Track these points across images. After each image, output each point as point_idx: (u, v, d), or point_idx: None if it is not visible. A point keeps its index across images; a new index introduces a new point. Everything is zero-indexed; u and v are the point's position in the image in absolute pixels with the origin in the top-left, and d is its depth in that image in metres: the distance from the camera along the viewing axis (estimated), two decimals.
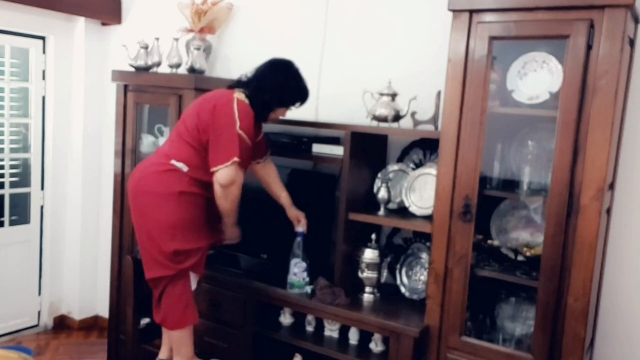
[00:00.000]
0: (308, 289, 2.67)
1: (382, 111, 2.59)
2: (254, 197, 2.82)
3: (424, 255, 2.70)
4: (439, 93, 2.52)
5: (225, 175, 2.36)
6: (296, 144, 2.81)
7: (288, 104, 2.56)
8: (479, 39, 2.22)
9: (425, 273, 2.68)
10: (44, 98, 3.84)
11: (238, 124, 2.38)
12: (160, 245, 2.43)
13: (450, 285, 2.36)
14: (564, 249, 2.14)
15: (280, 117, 2.64)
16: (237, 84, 2.55)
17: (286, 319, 2.85)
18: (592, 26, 2.02)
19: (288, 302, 2.70)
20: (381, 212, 2.64)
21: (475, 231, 2.31)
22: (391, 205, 2.70)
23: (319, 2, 3.07)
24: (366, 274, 2.65)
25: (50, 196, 3.93)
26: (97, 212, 4.07)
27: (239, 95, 2.47)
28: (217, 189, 2.40)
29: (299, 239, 2.67)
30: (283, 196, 2.74)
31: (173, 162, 2.45)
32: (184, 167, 2.45)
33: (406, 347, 2.39)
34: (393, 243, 2.88)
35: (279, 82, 2.49)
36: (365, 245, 2.67)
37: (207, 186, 2.46)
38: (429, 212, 2.51)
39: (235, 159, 2.35)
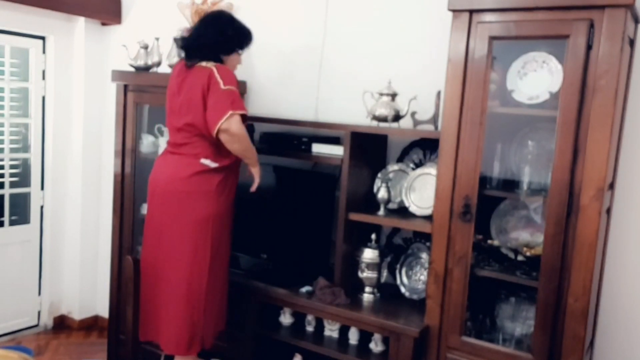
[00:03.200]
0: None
1: (382, 111, 2.59)
2: (253, 197, 2.82)
3: (424, 255, 2.70)
4: (439, 93, 2.52)
5: (223, 136, 2.42)
6: (296, 144, 2.81)
7: (234, 49, 2.60)
8: (479, 39, 2.22)
9: (425, 273, 2.68)
10: (44, 98, 3.83)
11: (221, 83, 2.42)
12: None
13: (450, 285, 2.36)
14: (564, 249, 2.14)
15: (238, 66, 2.67)
16: (189, 54, 2.55)
17: (286, 319, 2.85)
18: (592, 26, 2.03)
19: (288, 302, 2.70)
20: (381, 212, 2.63)
21: (475, 231, 2.31)
22: (391, 205, 2.70)
23: (319, 2, 3.07)
24: (366, 274, 2.65)
25: (50, 196, 3.92)
26: (97, 212, 4.07)
27: (207, 64, 2.48)
28: (224, 138, 2.44)
29: None
30: None
31: (202, 161, 2.51)
32: (212, 164, 2.51)
33: (406, 347, 2.39)
34: (393, 243, 2.88)
35: (214, 35, 2.53)
36: (365, 245, 2.67)
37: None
38: (429, 212, 2.51)
39: (230, 112, 2.39)
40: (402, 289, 2.73)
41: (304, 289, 2.71)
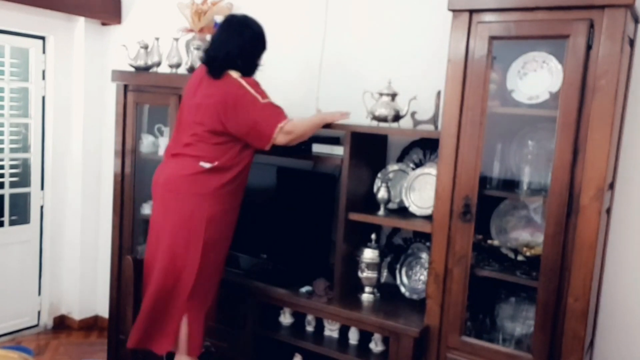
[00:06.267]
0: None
1: (382, 111, 2.59)
2: (253, 197, 2.82)
3: (424, 255, 2.70)
4: (439, 93, 2.52)
5: (283, 139, 2.51)
6: (296, 144, 2.80)
7: (262, 49, 2.65)
8: (479, 38, 2.22)
9: (425, 273, 2.68)
10: (44, 98, 3.84)
11: (259, 98, 2.48)
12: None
13: (450, 285, 2.36)
14: (564, 249, 2.14)
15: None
16: (217, 67, 2.53)
17: (286, 319, 2.85)
18: (592, 26, 2.02)
19: (288, 302, 2.70)
20: (381, 212, 2.63)
21: (475, 231, 2.31)
22: (391, 205, 2.70)
23: (319, 2, 3.07)
24: (366, 274, 2.65)
25: (50, 196, 3.92)
26: (97, 212, 4.07)
27: (235, 74, 2.52)
28: (287, 142, 2.54)
29: None
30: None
31: (202, 163, 2.51)
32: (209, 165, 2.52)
33: (406, 347, 2.39)
34: (393, 243, 2.88)
35: (242, 41, 2.55)
36: (365, 245, 2.67)
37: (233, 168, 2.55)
38: (429, 212, 2.51)
39: (279, 125, 2.47)
40: (402, 289, 2.73)
41: (304, 289, 2.71)
